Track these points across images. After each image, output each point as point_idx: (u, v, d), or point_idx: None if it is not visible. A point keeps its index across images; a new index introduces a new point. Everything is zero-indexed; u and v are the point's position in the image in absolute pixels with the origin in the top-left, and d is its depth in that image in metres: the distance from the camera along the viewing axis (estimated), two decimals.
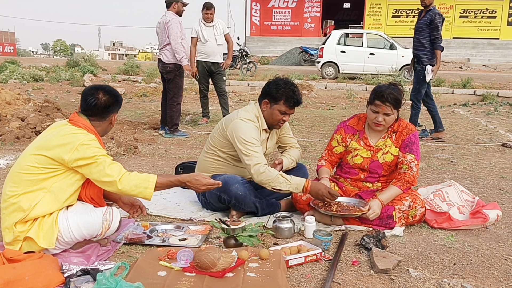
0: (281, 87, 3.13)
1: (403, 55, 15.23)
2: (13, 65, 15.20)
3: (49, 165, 2.34)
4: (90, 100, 2.49)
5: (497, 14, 25.91)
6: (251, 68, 16.16)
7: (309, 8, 27.94)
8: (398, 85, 3.10)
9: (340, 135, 3.27)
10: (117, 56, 66.04)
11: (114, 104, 2.55)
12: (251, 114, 3.20)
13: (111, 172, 2.36)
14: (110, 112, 2.55)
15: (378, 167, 3.13)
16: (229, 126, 3.15)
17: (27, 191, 2.34)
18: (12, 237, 2.34)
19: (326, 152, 3.34)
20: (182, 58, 6.27)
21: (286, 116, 3.21)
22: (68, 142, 2.34)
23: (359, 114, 3.31)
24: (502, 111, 9.79)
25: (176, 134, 6.41)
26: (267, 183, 2.96)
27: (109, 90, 2.56)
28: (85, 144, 2.34)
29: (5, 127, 5.79)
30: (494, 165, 4.91)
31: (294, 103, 3.16)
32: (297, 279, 2.28)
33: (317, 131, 7.16)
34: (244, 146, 3.03)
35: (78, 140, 2.35)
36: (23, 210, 2.32)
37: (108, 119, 2.56)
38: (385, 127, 3.11)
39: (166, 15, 6.31)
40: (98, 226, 2.42)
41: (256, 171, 2.97)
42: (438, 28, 6.10)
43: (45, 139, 2.42)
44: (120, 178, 2.37)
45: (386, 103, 2.97)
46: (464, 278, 2.32)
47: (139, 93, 11.74)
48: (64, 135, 2.39)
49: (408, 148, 3.06)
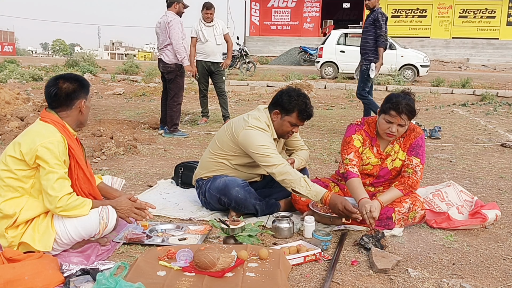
0: (293, 99, 3.06)
1: (403, 55, 15.25)
2: (12, 64, 15.18)
3: (18, 166, 2.31)
4: (51, 90, 2.41)
5: (497, 14, 25.93)
6: (251, 68, 16.16)
7: (309, 8, 27.96)
8: (411, 94, 3.00)
9: (361, 136, 3.11)
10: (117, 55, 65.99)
11: (77, 90, 2.44)
12: (262, 123, 3.11)
13: (58, 187, 2.30)
14: (74, 98, 2.44)
15: (387, 174, 3.10)
16: (240, 134, 3.06)
17: (8, 198, 2.32)
18: (6, 243, 2.35)
19: (352, 155, 3.04)
20: (184, 59, 6.28)
21: (296, 128, 3.16)
22: (30, 141, 2.31)
23: (367, 119, 3.19)
24: (501, 111, 9.79)
25: (176, 134, 6.41)
26: (289, 184, 2.88)
27: (69, 77, 2.47)
28: (44, 147, 2.29)
29: (5, 127, 5.79)
30: (493, 165, 4.91)
31: (307, 116, 3.10)
32: (297, 279, 2.28)
33: (316, 131, 7.16)
34: (262, 150, 2.96)
35: (39, 140, 2.30)
36: (9, 216, 2.31)
37: (74, 107, 2.45)
38: (396, 137, 3.03)
39: (167, 15, 6.30)
40: (95, 225, 2.42)
41: (280, 170, 2.89)
42: (381, 26, 6.26)
43: (14, 140, 2.41)
44: (62, 196, 2.30)
45: (402, 115, 2.86)
46: (463, 278, 2.32)
47: (138, 93, 11.73)
48: (28, 132, 2.37)
49: (414, 152, 3.02)
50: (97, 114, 8.19)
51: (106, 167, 4.51)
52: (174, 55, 6.27)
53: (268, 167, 2.95)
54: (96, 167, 4.47)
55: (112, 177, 2.96)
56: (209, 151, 3.30)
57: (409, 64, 15.15)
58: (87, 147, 5.12)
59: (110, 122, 6.90)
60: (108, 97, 11.17)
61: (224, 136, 3.21)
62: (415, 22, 26.60)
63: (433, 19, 26.40)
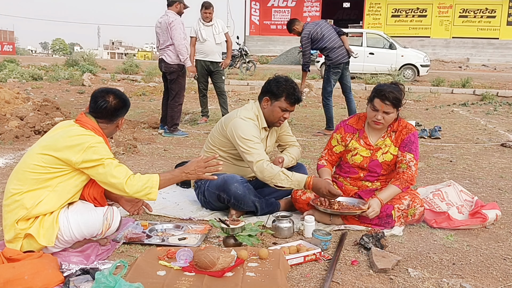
0: (282, 84, 3.17)
1: (403, 54, 15.26)
2: (12, 64, 15.19)
3: (56, 165, 2.35)
4: (101, 103, 2.51)
5: (497, 13, 25.93)
6: (251, 68, 16.16)
7: (309, 8, 27.95)
8: (399, 84, 3.10)
9: (339, 134, 3.27)
10: (116, 55, 66.02)
11: (122, 108, 2.58)
12: (250, 112, 3.21)
13: (118, 175, 2.38)
14: (118, 115, 2.58)
15: (378, 166, 3.14)
16: (228, 125, 3.16)
17: (32, 189, 2.34)
18: (13, 234, 2.35)
19: (326, 151, 3.34)
20: (186, 60, 6.31)
21: (286, 113, 3.22)
22: (77, 144, 2.35)
23: (359, 114, 3.31)
24: (502, 111, 9.79)
25: (175, 134, 6.41)
26: (269, 180, 2.97)
27: (119, 94, 2.58)
28: (93, 147, 2.36)
29: (4, 126, 5.78)
30: (493, 165, 4.91)
31: (295, 99, 3.18)
32: (297, 278, 2.28)
33: (315, 130, 7.16)
34: (245, 144, 3.04)
35: (86, 142, 2.36)
36: (25, 207, 2.33)
37: (115, 122, 2.59)
38: (384, 126, 3.11)
39: (168, 15, 6.28)
40: (99, 225, 2.42)
41: (258, 167, 2.98)
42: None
43: (52, 139, 2.42)
44: (126, 180, 2.39)
45: (386, 102, 2.98)
46: (463, 278, 2.32)
47: (138, 92, 11.73)
48: (72, 136, 2.39)
49: (407, 148, 3.07)
50: None
51: None
52: (176, 55, 6.28)
53: (249, 162, 3.05)
54: None
55: None
56: (203, 150, 3.39)
57: (409, 64, 15.16)
58: None
59: None
60: None
61: (215, 131, 3.32)
62: (415, 21, 26.59)
63: (433, 19, 26.39)
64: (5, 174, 4.10)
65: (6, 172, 4.13)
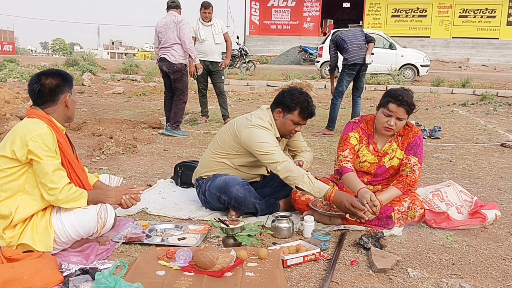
0: (295, 97, 3.08)
1: (403, 54, 15.26)
2: (12, 63, 15.19)
3: (10, 165, 2.30)
4: (34, 87, 2.42)
5: (497, 13, 25.93)
6: (250, 68, 16.16)
7: (309, 7, 27.94)
8: (409, 90, 3.03)
9: (358, 133, 3.14)
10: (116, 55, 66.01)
11: (60, 84, 2.44)
12: (265, 122, 3.12)
13: (56, 179, 2.31)
14: (58, 93, 2.43)
15: (385, 172, 3.11)
16: (242, 132, 3.07)
17: (2, 198, 2.32)
18: (4, 243, 2.34)
19: (347, 151, 3.08)
20: (196, 57, 6.43)
21: (298, 127, 3.17)
22: (19, 137, 2.30)
23: (365, 117, 3.21)
24: (501, 111, 9.79)
25: (176, 132, 6.41)
26: (292, 180, 2.88)
27: (50, 72, 2.46)
28: (33, 141, 2.28)
29: (4, 126, 5.79)
30: (493, 165, 4.91)
31: (309, 114, 3.11)
32: (296, 278, 2.28)
33: (316, 130, 7.16)
34: (265, 148, 2.96)
35: (28, 134, 2.29)
36: (5, 216, 2.31)
37: (60, 102, 2.44)
38: (394, 132, 3.05)
39: (174, 15, 6.32)
40: (93, 224, 2.42)
41: (284, 167, 2.89)
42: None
43: (4, 139, 2.39)
44: (62, 188, 2.32)
45: (401, 107, 2.90)
46: (462, 278, 2.32)
47: (138, 92, 11.73)
48: (15, 130, 2.35)
49: (412, 151, 3.03)
50: (97, 114, 8.19)
51: (105, 166, 4.51)
52: (181, 55, 6.32)
53: (271, 164, 2.96)
54: (95, 167, 4.47)
55: (110, 176, 2.96)
56: (210, 151, 3.30)
57: (409, 64, 15.16)
58: (87, 146, 5.13)
59: (110, 122, 6.89)
60: (107, 96, 11.17)
61: (226, 135, 3.21)
62: (415, 21, 26.59)
63: (433, 19, 26.40)
64: None
65: None
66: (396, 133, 3.10)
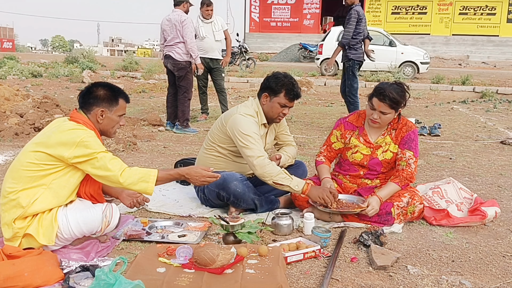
0: (281, 80, 3.16)
1: (403, 51, 15.23)
2: (11, 61, 15.18)
3: (48, 162, 2.33)
4: (84, 90, 2.51)
5: (497, 11, 25.89)
6: (250, 65, 16.14)
7: (309, 5, 27.90)
8: (403, 85, 3.05)
9: (339, 131, 3.26)
10: (116, 52, 65.88)
11: (101, 97, 2.47)
12: (250, 109, 3.20)
13: (112, 167, 2.35)
14: (93, 104, 2.47)
15: (378, 165, 3.14)
16: (228, 121, 3.15)
17: (26, 187, 2.33)
18: (11, 233, 2.34)
19: (324, 147, 3.32)
20: (197, 57, 6.43)
21: (285, 109, 3.22)
22: (68, 139, 2.33)
23: (359, 111, 3.29)
24: (501, 108, 9.80)
25: (187, 130, 6.49)
26: (269, 177, 2.95)
27: (105, 84, 2.54)
28: (85, 141, 2.33)
29: (4, 123, 5.78)
30: (493, 162, 4.91)
31: (294, 95, 3.17)
32: (296, 275, 2.28)
33: (316, 127, 7.16)
34: (245, 139, 3.03)
35: (78, 137, 2.33)
36: (22, 206, 2.32)
37: (93, 112, 2.48)
38: (381, 125, 3.10)
39: (178, 13, 6.33)
40: (98, 223, 2.42)
41: (259, 163, 2.96)
42: (350, 25, 6.30)
43: (45, 136, 2.41)
44: (121, 172, 2.36)
45: (383, 101, 2.96)
46: (462, 275, 2.33)
47: (138, 90, 11.72)
48: (63, 131, 2.37)
49: (407, 145, 3.07)
50: None
51: None
52: (185, 53, 6.36)
53: (248, 157, 3.02)
54: None
55: None
56: (203, 147, 3.38)
57: (409, 61, 15.15)
58: None
59: None
60: None
61: (215, 128, 3.31)
62: (415, 19, 26.56)
63: (433, 16, 26.36)
64: (4, 171, 4.09)
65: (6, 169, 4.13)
66: (389, 127, 3.13)
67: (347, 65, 6.55)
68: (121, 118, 2.58)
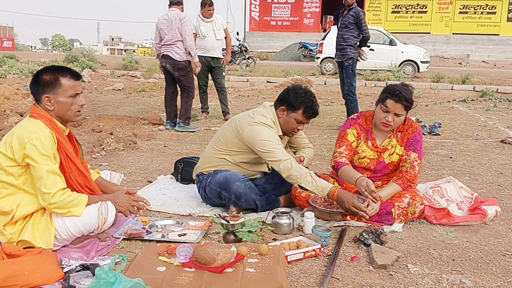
0: (301, 96, 3.08)
1: (403, 50, 15.23)
2: (11, 60, 15.15)
3: (9, 163, 2.28)
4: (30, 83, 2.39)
5: (497, 10, 25.89)
6: (250, 64, 16.13)
7: (309, 3, 27.89)
8: (409, 86, 3.03)
9: (355, 130, 3.16)
10: (116, 51, 65.83)
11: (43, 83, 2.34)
12: (268, 119, 3.11)
13: (50, 183, 2.26)
14: (38, 93, 2.35)
15: (384, 168, 3.12)
16: (245, 130, 3.06)
17: (4, 195, 2.31)
18: (5, 239, 2.34)
19: (344, 147, 3.12)
20: (195, 55, 6.43)
21: (301, 126, 3.17)
22: (18, 138, 2.27)
23: (364, 113, 3.22)
24: (501, 107, 9.79)
25: (188, 127, 6.53)
26: (295, 179, 2.88)
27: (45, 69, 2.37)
28: (31, 144, 2.24)
29: (4, 122, 5.78)
30: (493, 161, 4.91)
31: (313, 114, 3.12)
32: (296, 274, 2.28)
33: (316, 126, 7.15)
34: (267, 145, 2.96)
35: (26, 138, 2.25)
36: (6, 213, 2.30)
37: (41, 101, 2.35)
38: (392, 128, 3.05)
39: (176, 12, 6.32)
40: (94, 221, 2.42)
41: (286, 165, 2.89)
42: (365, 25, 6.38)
43: (5, 137, 2.37)
44: (55, 193, 2.27)
45: (399, 103, 2.89)
46: (462, 274, 2.32)
47: (138, 88, 11.72)
48: (17, 129, 2.33)
49: (412, 147, 3.04)
50: (97, 110, 8.18)
51: (105, 162, 4.51)
52: (184, 52, 6.34)
53: (274, 162, 2.96)
54: (95, 163, 4.47)
55: (111, 172, 2.96)
56: (212, 147, 3.29)
57: (409, 60, 15.14)
58: (87, 143, 5.12)
59: (110, 118, 6.89)
60: (107, 92, 11.16)
61: (228, 131, 3.20)
62: (416, 18, 26.55)
63: (433, 15, 26.35)
64: None
65: None
66: (395, 129, 3.10)
67: (346, 63, 6.57)
68: (75, 98, 2.39)
